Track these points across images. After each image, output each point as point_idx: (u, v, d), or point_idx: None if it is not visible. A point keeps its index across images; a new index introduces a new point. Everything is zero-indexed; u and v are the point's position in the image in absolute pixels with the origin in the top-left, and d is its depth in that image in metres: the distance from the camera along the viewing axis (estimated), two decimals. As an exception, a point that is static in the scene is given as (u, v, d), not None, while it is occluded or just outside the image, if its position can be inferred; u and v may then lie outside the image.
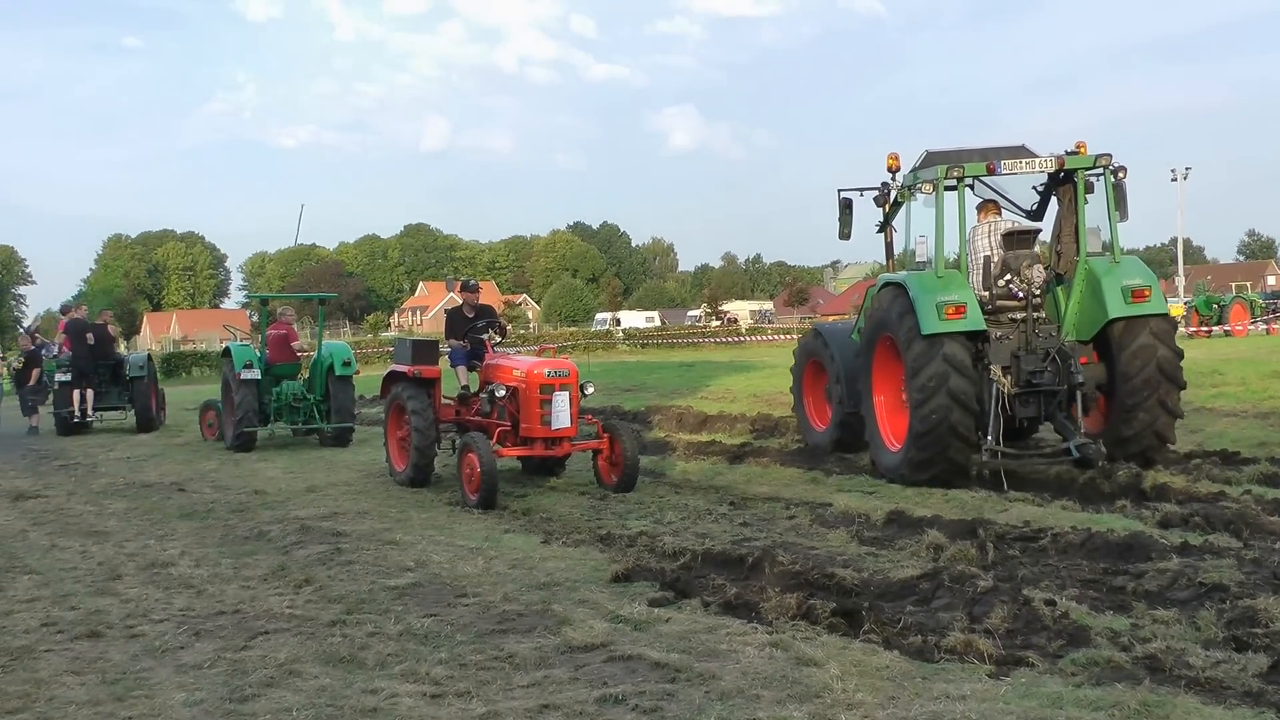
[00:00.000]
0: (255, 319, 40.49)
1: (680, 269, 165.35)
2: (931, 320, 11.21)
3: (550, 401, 11.59)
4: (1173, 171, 59.96)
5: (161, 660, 6.28)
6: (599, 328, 69.70)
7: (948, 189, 11.73)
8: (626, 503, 11.08)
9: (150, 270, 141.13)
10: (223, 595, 7.68)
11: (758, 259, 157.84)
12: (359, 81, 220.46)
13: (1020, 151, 12.36)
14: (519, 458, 12.71)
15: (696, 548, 8.44)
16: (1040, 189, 12.88)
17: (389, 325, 75.62)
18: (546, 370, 11.67)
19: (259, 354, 17.43)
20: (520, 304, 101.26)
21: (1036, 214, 12.84)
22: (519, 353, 13.84)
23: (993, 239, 12.28)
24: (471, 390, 12.91)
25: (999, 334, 11.62)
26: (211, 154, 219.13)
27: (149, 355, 22.76)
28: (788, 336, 51.47)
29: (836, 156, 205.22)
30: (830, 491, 11.22)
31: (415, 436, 12.33)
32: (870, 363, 12.23)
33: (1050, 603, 6.51)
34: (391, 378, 13.14)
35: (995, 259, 12.15)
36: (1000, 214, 12.59)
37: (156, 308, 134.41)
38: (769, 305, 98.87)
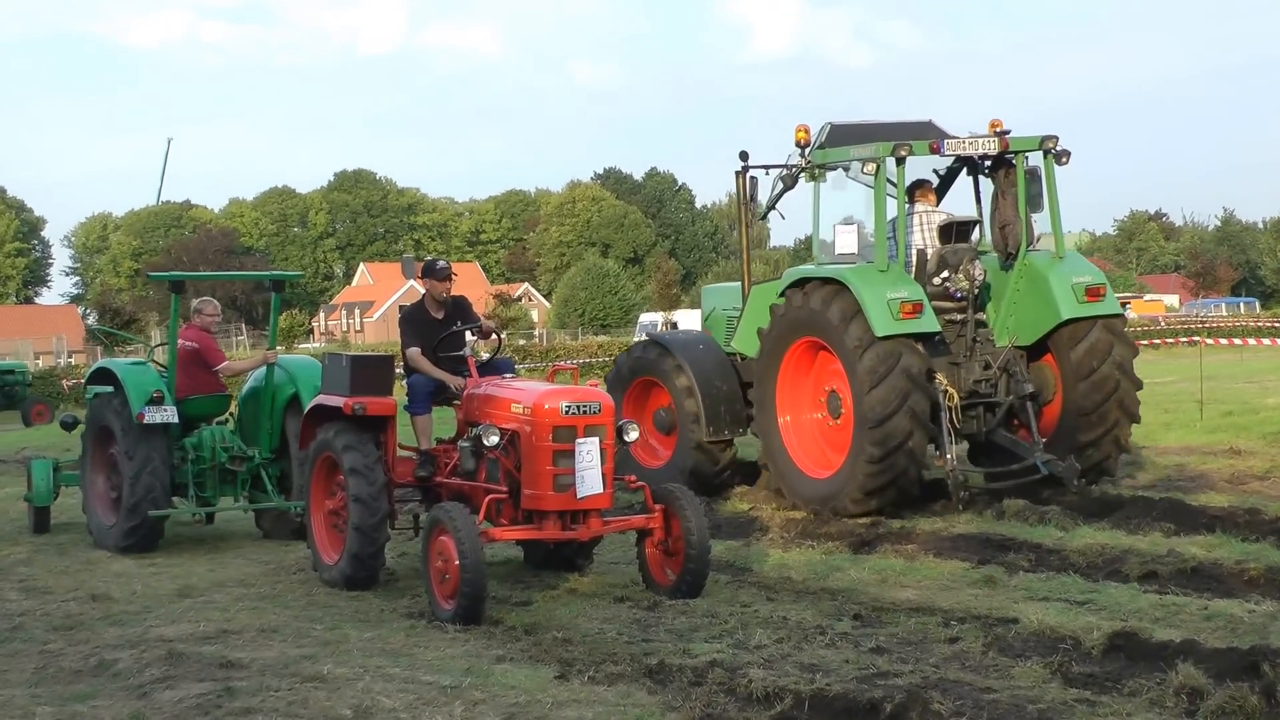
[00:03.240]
0: (92, 321, 40.69)
1: (775, 243, 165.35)
2: (885, 320, 14.45)
3: (572, 454, 11.50)
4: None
5: None
6: (643, 335, 69.48)
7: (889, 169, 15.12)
8: (691, 615, 11.08)
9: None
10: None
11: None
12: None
13: (929, 128, 16.23)
14: (520, 543, 12.70)
15: (802, 688, 8.40)
16: (942, 172, 16.73)
17: (310, 331, 75.94)
18: (564, 404, 11.57)
19: (164, 378, 15.79)
20: (519, 298, 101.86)
21: (937, 196, 16.72)
22: (518, 375, 13.73)
23: (928, 230, 15.85)
24: (440, 440, 12.97)
25: (938, 338, 15.08)
26: (12, 57, 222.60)
27: None
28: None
29: (1013, 64, 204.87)
30: (1017, 599, 11.21)
31: (355, 510, 12.24)
32: (774, 374, 14.79)
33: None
34: (316, 416, 13.10)
35: (930, 253, 15.63)
36: (936, 201, 16.23)
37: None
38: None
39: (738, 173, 17.28)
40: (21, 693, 9.36)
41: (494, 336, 13.77)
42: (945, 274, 15.76)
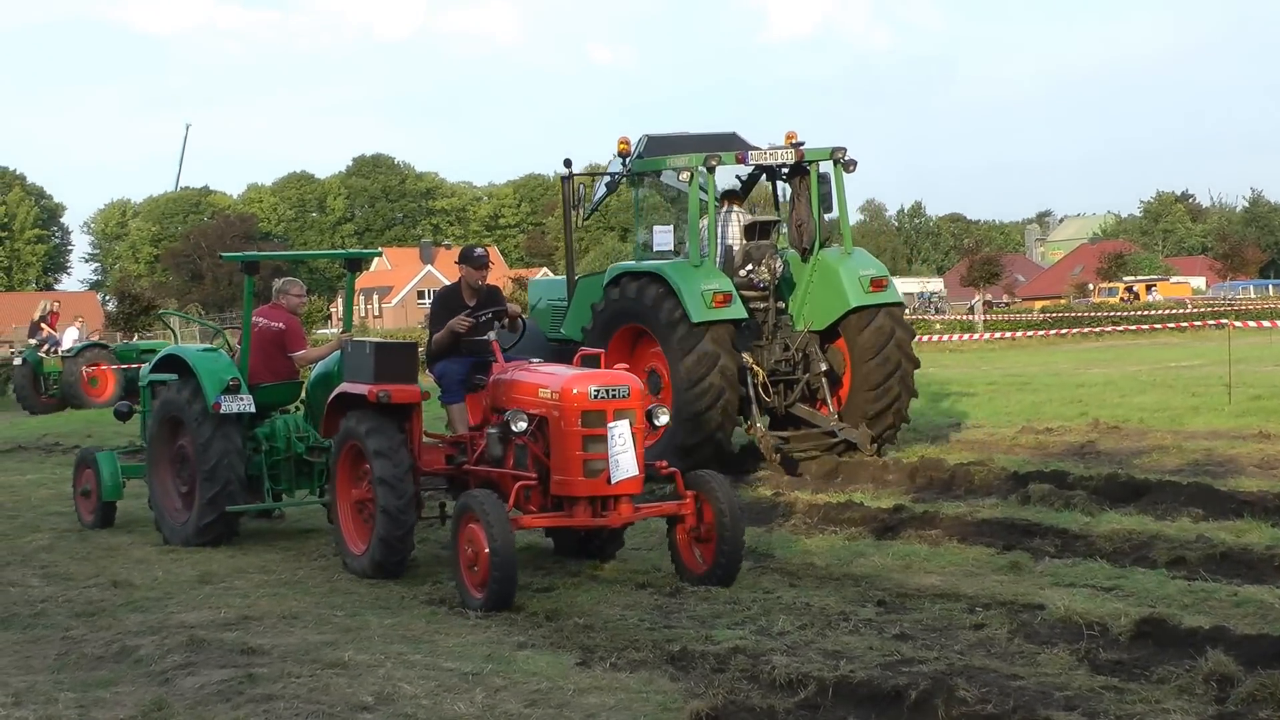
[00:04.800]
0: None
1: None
2: (699, 308, 17.21)
3: (601, 438, 11.47)
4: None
5: None
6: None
7: (701, 176, 17.84)
8: (714, 601, 11.10)
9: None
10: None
11: (918, 210, 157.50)
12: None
13: (734, 140, 19.40)
14: (549, 530, 12.72)
15: (825, 674, 8.41)
16: (745, 178, 19.81)
17: (329, 317, 76.18)
18: (592, 388, 11.55)
19: (237, 364, 15.22)
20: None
21: (741, 200, 19.86)
22: (543, 361, 13.53)
23: (735, 229, 18.94)
24: (469, 427, 12.94)
25: (745, 324, 17.95)
26: (33, 44, 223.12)
27: None
28: (968, 338, 51.20)
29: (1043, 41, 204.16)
30: (1043, 585, 11.21)
31: (382, 496, 12.19)
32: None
33: None
34: (341, 405, 13.05)
35: (737, 250, 18.75)
36: (741, 205, 19.45)
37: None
38: (937, 284, 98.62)
39: (563, 179, 19.24)
40: (44, 679, 9.40)
41: (520, 322, 13.74)
42: (750, 267, 18.61)
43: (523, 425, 11.64)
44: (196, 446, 14.62)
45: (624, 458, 11.31)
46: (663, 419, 12.17)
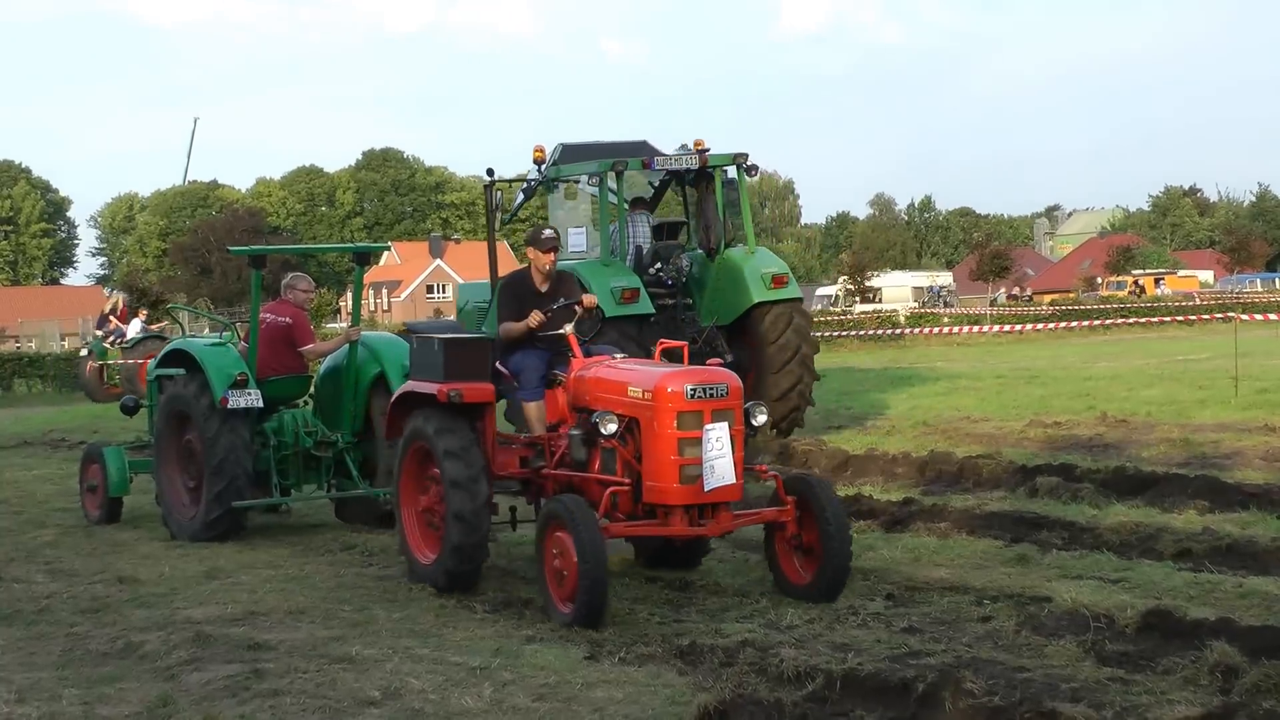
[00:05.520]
0: (122, 302, 40.90)
1: (805, 219, 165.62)
2: (609, 304, 18.02)
3: (699, 441, 10.54)
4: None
5: None
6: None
7: (610, 181, 19.52)
8: (722, 595, 11.13)
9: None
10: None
11: (928, 204, 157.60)
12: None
13: (645, 147, 20.62)
14: (632, 539, 12.04)
15: (833, 667, 8.41)
16: (657, 183, 21.35)
17: (338, 311, 76.06)
18: (688, 387, 10.58)
19: (245, 358, 15.15)
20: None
21: (652, 206, 21.46)
22: (622, 355, 12.45)
23: (644, 230, 20.35)
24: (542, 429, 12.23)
25: (653, 319, 19.13)
26: (40, 36, 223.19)
27: None
28: (983, 330, 51.19)
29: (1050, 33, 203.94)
30: (1050, 577, 11.20)
31: (455, 501, 11.20)
32: None
33: None
34: (406, 404, 12.17)
35: (646, 249, 20.13)
36: (648, 207, 20.91)
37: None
38: (946, 278, 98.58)
39: (486, 186, 20.76)
40: (49, 675, 9.40)
41: (599, 311, 13.18)
42: (658, 266, 19.99)
43: (613, 428, 10.81)
44: (204, 441, 14.58)
45: (720, 463, 10.43)
46: (760, 418, 11.16)
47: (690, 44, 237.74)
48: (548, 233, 13.02)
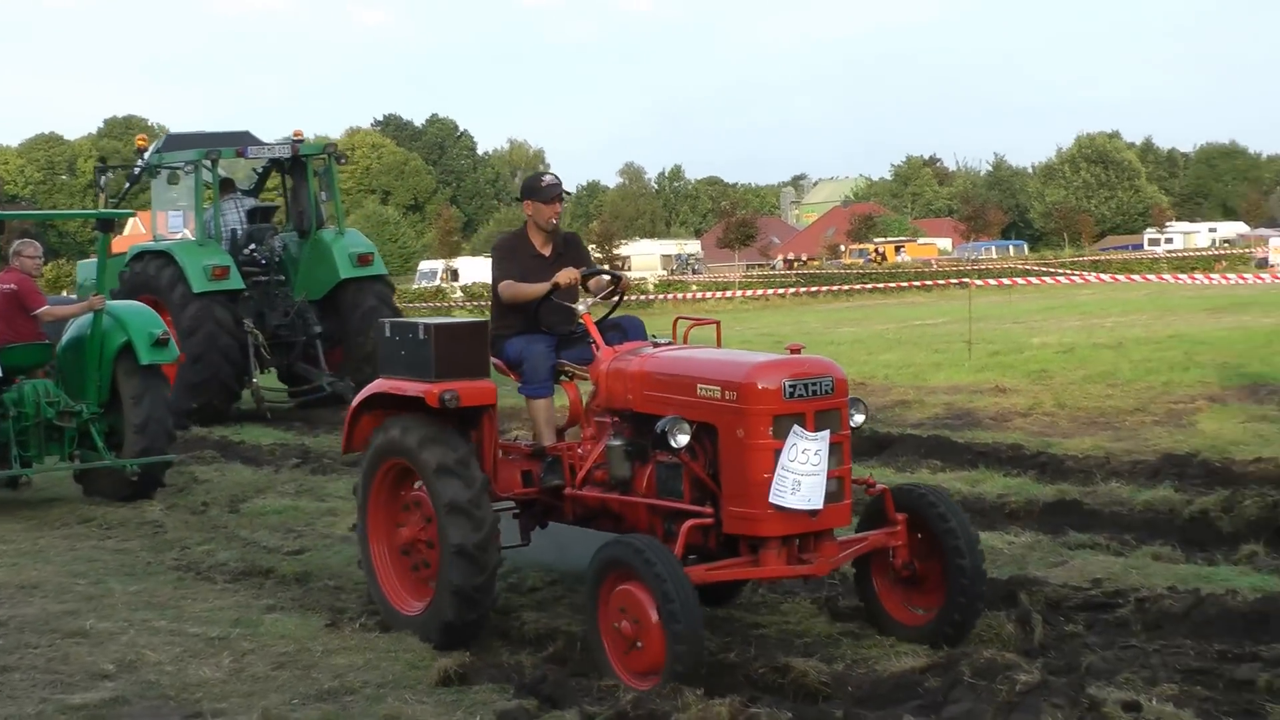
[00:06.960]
0: None
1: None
2: (200, 281, 20.37)
3: (793, 451, 7.93)
4: None
5: None
6: (425, 283, 69.54)
7: (206, 169, 21.35)
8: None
9: None
10: None
11: (677, 174, 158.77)
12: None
13: (246, 137, 22.87)
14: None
15: (574, 629, 8.50)
16: (260, 170, 23.75)
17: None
18: (787, 382, 7.99)
19: None
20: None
21: (254, 191, 24.03)
22: (661, 338, 9.56)
23: (239, 213, 22.51)
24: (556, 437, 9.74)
25: (246, 294, 21.19)
26: None
27: None
28: (727, 295, 51.74)
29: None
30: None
31: (455, 531, 8.57)
32: None
33: (1132, 706, 6.67)
34: (372, 408, 9.53)
35: (240, 231, 22.23)
36: (238, 192, 23.02)
37: None
38: (694, 246, 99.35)
39: (97, 171, 23.15)
40: None
41: (622, 282, 10.05)
42: (253, 246, 22.06)
43: (685, 438, 8.13)
44: None
45: (810, 482, 7.85)
46: (859, 418, 8.53)
47: (438, 11, 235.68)
48: (548, 178, 9.96)
